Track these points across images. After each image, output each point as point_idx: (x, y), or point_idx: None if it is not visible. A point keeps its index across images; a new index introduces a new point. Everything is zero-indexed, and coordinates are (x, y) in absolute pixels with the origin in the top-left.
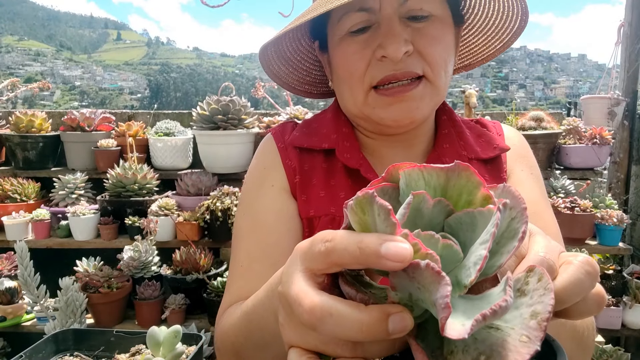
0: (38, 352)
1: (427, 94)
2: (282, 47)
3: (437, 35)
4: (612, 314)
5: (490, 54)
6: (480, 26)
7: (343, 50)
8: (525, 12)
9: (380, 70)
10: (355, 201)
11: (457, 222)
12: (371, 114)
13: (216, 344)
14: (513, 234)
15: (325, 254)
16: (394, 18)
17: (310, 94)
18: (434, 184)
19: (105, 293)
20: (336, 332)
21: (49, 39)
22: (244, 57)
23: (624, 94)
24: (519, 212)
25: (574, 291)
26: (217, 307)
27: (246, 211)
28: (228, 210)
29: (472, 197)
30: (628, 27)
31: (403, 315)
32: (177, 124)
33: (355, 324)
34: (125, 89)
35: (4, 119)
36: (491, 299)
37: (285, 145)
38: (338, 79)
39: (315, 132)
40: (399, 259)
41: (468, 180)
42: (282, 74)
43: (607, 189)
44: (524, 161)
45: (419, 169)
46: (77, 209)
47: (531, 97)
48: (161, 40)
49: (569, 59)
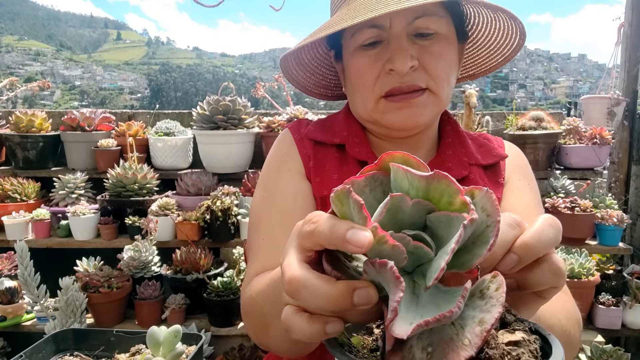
0: (38, 351)
1: (430, 103)
2: (300, 55)
3: (441, 52)
4: (612, 314)
5: (493, 66)
6: (483, 41)
7: (356, 61)
8: (522, 32)
9: (389, 82)
10: (335, 194)
11: (437, 220)
12: (380, 119)
13: (244, 309)
14: (486, 241)
15: (310, 233)
16: (402, 35)
17: (325, 96)
18: (417, 185)
19: (105, 293)
20: (310, 302)
21: (49, 39)
22: (244, 57)
23: (624, 94)
24: (493, 222)
25: (541, 239)
26: (217, 307)
27: (266, 193)
28: (228, 210)
29: (452, 200)
30: (628, 27)
31: (368, 290)
32: (177, 123)
33: (325, 296)
34: (125, 88)
35: (4, 119)
36: (453, 296)
37: (301, 137)
38: (351, 86)
39: (328, 129)
40: (359, 245)
41: (447, 187)
42: (300, 78)
43: (607, 189)
44: (522, 172)
45: (404, 172)
46: (77, 209)
47: (531, 97)
48: (161, 40)
49: (569, 59)
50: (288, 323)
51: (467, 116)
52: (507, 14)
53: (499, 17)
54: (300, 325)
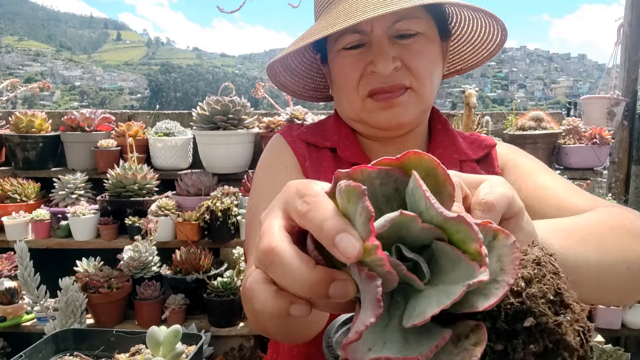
0: (38, 352)
1: (412, 102)
2: (287, 61)
3: (422, 50)
4: (612, 313)
5: (479, 60)
6: (467, 37)
7: (340, 62)
8: (504, 29)
9: (371, 82)
10: (345, 187)
11: (443, 251)
12: (367, 118)
13: (244, 295)
14: (486, 295)
15: (300, 213)
16: (383, 38)
17: (315, 98)
18: (433, 215)
19: (105, 293)
20: (282, 280)
21: (49, 39)
22: (244, 57)
23: (623, 94)
24: (502, 282)
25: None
26: (217, 307)
27: (261, 190)
28: (228, 210)
29: (467, 244)
30: (628, 27)
31: (346, 284)
32: (177, 124)
33: (300, 279)
34: (125, 89)
35: (4, 119)
36: (427, 339)
37: (293, 138)
38: (337, 88)
39: (319, 132)
40: (346, 255)
41: (466, 233)
42: (288, 83)
43: (607, 189)
44: (516, 152)
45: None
46: (77, 209)
47: (531, 97)
48: (161, 40)
49: (568, 59)
50: (253, 290)
51: (466, 116)
52: (486, 13)
53: (479, 15)
54: (264, 298)
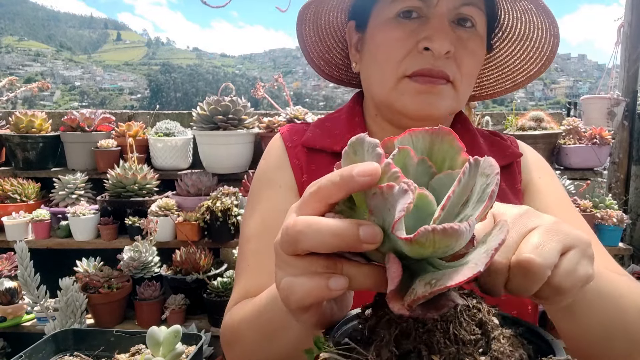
0: (38, 352)
1: (450, 97)
2: (320, 12)
3: (475, 49)
4: None
5: (494, 92)
6: (498, 63)
7: (386, 33)
8: (550, 58)
9: (418, 61)
10: (349, 145)
11: (438, 183)
12: (396, 101)
13: (224, 337)
14: (486, 197)
15: (314, 192)
16: (445, 17)
17: (322, 71)
18: (421, 148)
19: (105, 293)
20: (313, 237)
21: (49, 39)
22: (244, 58)
23: (624, 94)
24: (492, 178)
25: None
26: (217, 307)
27: (254, 212)
28: (228, 210)
29: (454, 163)
30: (628, 27)
31: (373, 227)
32: (177, 124)
33: (331, 228)
34: (125, 89)
35: (4, 119)
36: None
37: (293, 144)
38: (372, 60)
39: (328, 132)
40: (367, 174)
41: (450, 146)
42: (309, 41)
43: (607, 189)
44: (542, 170)
45: (409, 134)
46: (77, 209)
47: (531, 97)
48: (161, 40)
49: (568, 59)
50: (288, 288)
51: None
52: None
53: (523, 44)
54: (301, 284)
